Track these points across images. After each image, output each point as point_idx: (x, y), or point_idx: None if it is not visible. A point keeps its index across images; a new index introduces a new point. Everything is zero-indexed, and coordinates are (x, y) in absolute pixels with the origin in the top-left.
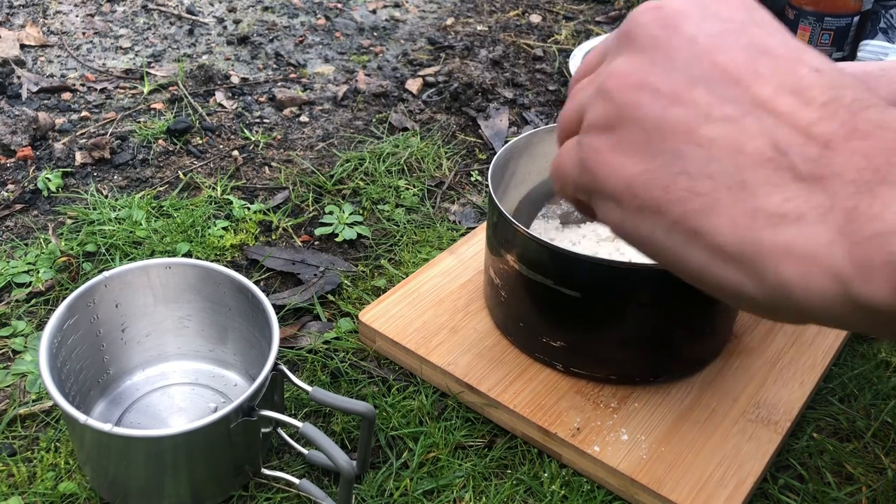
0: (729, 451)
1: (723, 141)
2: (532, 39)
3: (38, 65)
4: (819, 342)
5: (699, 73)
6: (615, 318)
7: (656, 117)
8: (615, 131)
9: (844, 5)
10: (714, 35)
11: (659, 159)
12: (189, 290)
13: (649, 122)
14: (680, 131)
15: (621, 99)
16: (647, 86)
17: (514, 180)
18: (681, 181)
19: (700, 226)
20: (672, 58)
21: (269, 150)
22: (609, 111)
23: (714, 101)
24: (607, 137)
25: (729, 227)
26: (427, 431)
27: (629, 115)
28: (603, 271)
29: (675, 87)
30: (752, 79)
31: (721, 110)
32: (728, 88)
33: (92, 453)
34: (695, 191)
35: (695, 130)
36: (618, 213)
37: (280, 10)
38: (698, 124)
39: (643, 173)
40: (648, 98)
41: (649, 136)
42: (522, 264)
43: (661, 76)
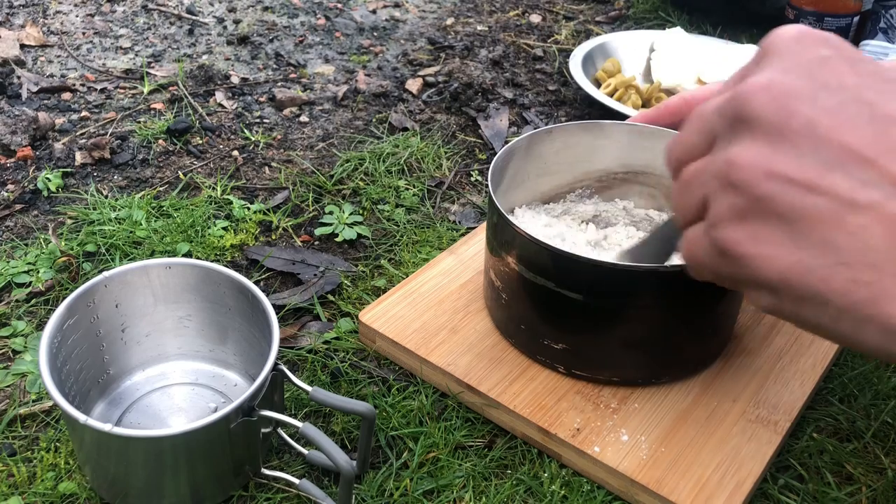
0: (729, 451)
1: (875, 228)
2: (532, 39)
3: (38, 65)
4: (819, 342)
5: (830, 158)
6: (617, 321)
7: (797, 208)
8: (753, 223)
9: (844, 5)
10: (832, 111)
11: (810, 251)
12: (189, 290)
13: (790, 213)
14: (826, 221)
15: (753, 189)
16: (779, 175)
17: (514, 181)
18: (841, 272)
19: (872, 314)
20: (796, 144)
21: (269, 150)
22: (741, 203)
23: (854, 185)
24: (745, 229)
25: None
26: (427, 431)
27: (766, 206)
28: (605, 273)
29: (809, 175)
30: (887, 156)
31: (865, 195)
32: (865, 171)
33: (92, 453)
34: (859, 281)
35: (842, 219)
36: (773, 300)
37: (280, 10)
38: (844, 212)
39: (796, 264)
40: (782, 187)
41: (793, 227)
42: (523, 266)
43: (791, 164)
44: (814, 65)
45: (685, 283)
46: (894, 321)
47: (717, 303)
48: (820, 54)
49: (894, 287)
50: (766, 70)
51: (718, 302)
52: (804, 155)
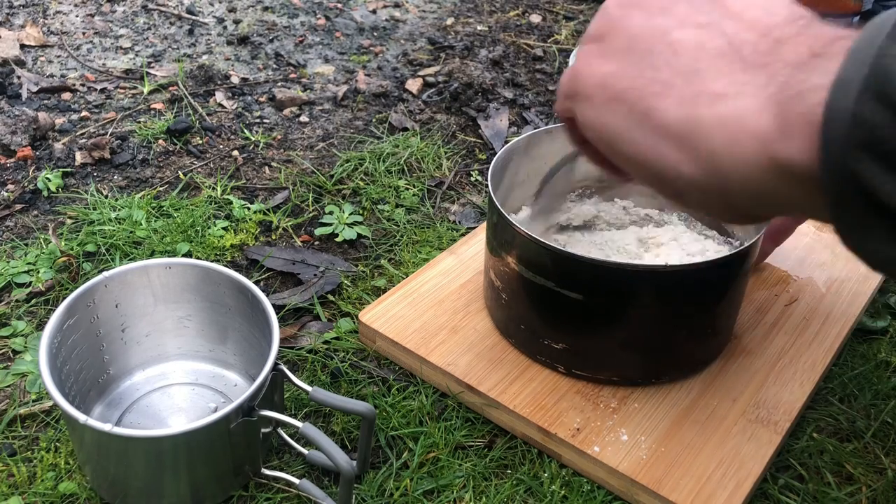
0: (729, 451)
1: (689, 41)
2: (532, 39)
3: (38, 65)
4: (819, 342)
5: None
6: (617, 320)
7: (639, 25)
8: (604, 41)
9: (844, 5)
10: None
11: (631, 58)
12: (189, 290)
13: (633, 30)
14: (656, 35)
15: (614, 13)
16: (638, 2)
17: (514, 181)
18: (646, 73)
19: (652, 106)
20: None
21: (269, 150)
22: (603, 23)
23: (691, 12)
24: (597, 46)
25: (675, 105)
26: (427, 431)
27: (618, 26)
28: (605, 273)
29: (661, 3)
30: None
31: (695, 18)
32: (706, 4)
33: (92, 453)
34: (655, 79)
35: (668, 34)
36: (590, 110)
37: (280, 10)
38: (672, 29)
39: (616, 69)
40: (637, 12)
41: (629, 42)
42: (523, 266)
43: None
44: None
45: (685, 282)
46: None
47: (717, 303)
48: None
49: (679, 83)
50: None
51: (718, 302)
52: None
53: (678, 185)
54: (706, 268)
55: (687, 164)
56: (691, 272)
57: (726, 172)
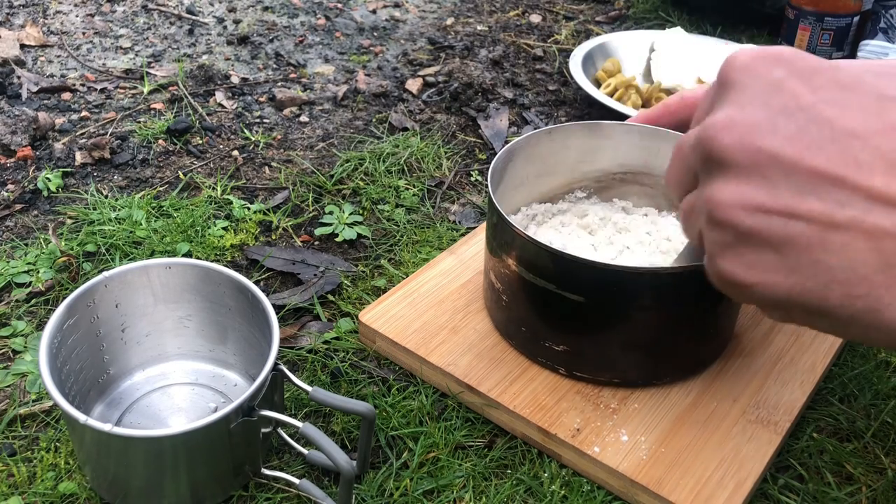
0: (729, 451)
1: (857, 244)
2: (532, 39)
3: (38, 65)
4: (819, 343)
5: (801, 183)
6: (619, 322)
7: (780, 236)
8: (744, 255)
9: (844, 5)
10: (794, 137)
11: (803, 273)
12: (189, 290)
13: (775, 241)
14: (811, 244)
15: (735, 225)
16: (757, 207)
17: (513, 182)
18: (835, 289)
19: (873, 322)
20: (766, 175)
21: (269, 150)
22: (728, 238)
23: (830, 206)
24: (738, 260)
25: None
26: (427, 431)
27: (751, 239)
28: (606, 275)
29: (785, 203)
30: (855, 173)
31: (842, 214)
32: (837, 190)
33: (92, 453)
34: (854, 295)
35: (826, 240)
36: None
37: (280, 10)
38: (826, 233)
39: (794, 286)
40: (763, 219)
41: (782, 254)
42: (523, 268)
43: (765, 195)
44: (769, 91)
45: (686, 284)
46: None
47: (718, 303)
48: (773, 77)
49: (888, 296)
50: (725, 107)
51: (719, 303)
52: (776, 185)
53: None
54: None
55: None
56: (694, 274)
57: None
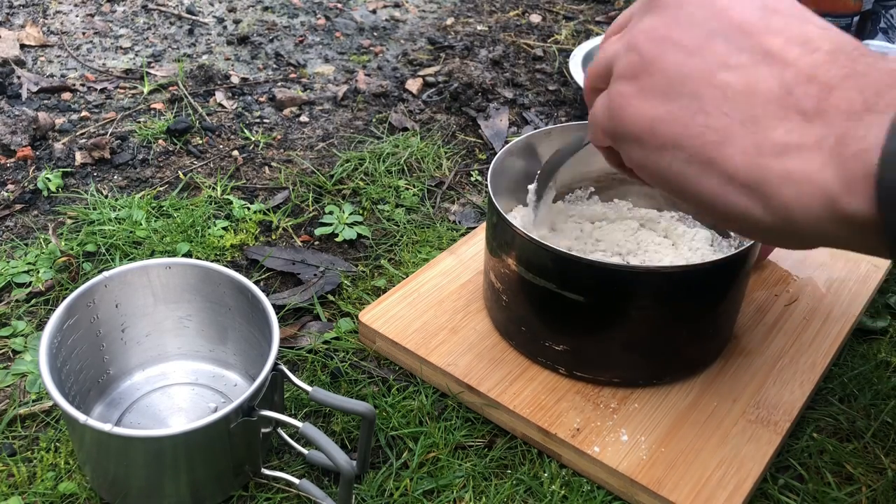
0: (729, 451)
1: (737, 84)
2: (532, 39)
3: (38, 65)
4: (819, 342)
5: (717, 28)
6: (619, 322)
7: (678, 65)
8: (640, 79)
9: (844, 5)
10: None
11: (679, 101)
12: (189, 290)
13: (672, 70)
14: (699, 77)
15: (647, 50)
16: (671, 39)
17: (513, 182)
18: (699, 118)
19: (715, 156)
20: (692, 15)
21: (269, 150)
22: (635, 61)
23: (730, 51)
24: (633, 85)
25: (740, 156)
26: (427, 431)
27: (653, 65)
28: (607, 274)
29: (696, 40)
30: (764, 32)
31: (737, 58)
32: (743, 40)
33: (92, 453)
34: (711, 126)
35: (713, 75)
36: (640, 152)
37: (280, 10)
38: (716, 70)
39: (665, 114)
40: (672, 50)
41: (671, 82)
42: (523, 267)
43: (684, 31)
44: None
45: (687, 283)
46: (729, 164)
47: (719, 303)
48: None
49: (739, 132)
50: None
51: (720, 302)
52: (696, 25)
53: (745, 224)
54: (708, 269)
55: (757, 210)
56: (693, 273)
57: (796, 220)
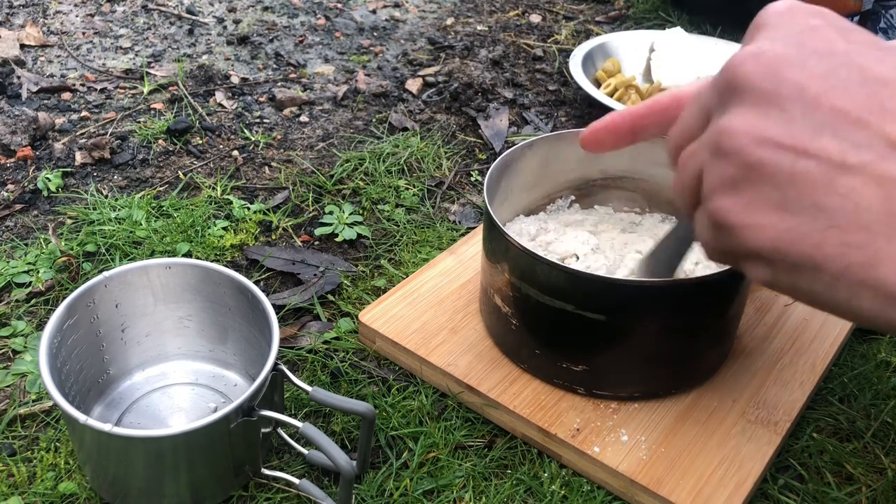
0: (729, 451)
1: (867, 189)
2: (532, 39)
3: (38, 65)
4: (819, 343)
5: (820, 121)
6: (640, 337)
7: (787, 172)
8: (744, 191)
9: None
10: (822, 76)
11: (801, 216)
12: (189, 290)
13: (780, 178)
14: (817, 184)
15: (743, 157)
16: (769, 141)
17: (500, 197)
18: (832, 236)
19: (866, 278)
20: (786, 108)
21: (269, 150)
22: (732, 172)
23: (845, 147)
24: (737, 199)
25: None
26: (427, 431)
27: (756, 173)
28: (627, 291)
29: (799, 139)
30: (879, 117)
31: (856, 157)
32: (856, 132)
33: (92, 453)
34: (851, 244)
35: (833, 182)
36: (768, 271)
37: (280, 10)
38: (835, 175)
39: (788, 231)
40: (772, 153)
41: (784, 193)
42: (539, 291)
43: (781, 129)
44: (804, 33)
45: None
46: (890, 284)
47: (729, 307)
48: (810, 24)
49: (888, 248)
50: (757, 41)
51: (732, 306)
52: (794, 120)
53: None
54: (726, 277)
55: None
56: (714, 283)
57: None
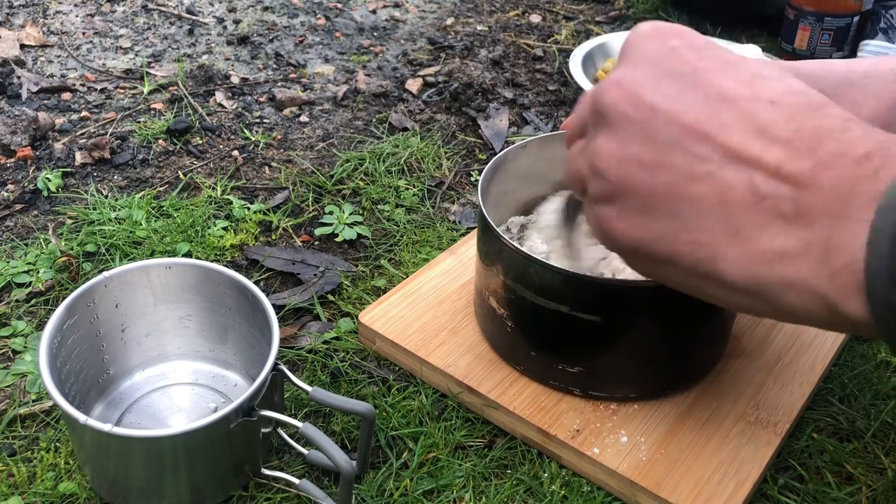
0: (728, 452)
1: (709, 196)
2: (532, 39)
3: (38, 65)
4: (818, 343)
5: (672, 138)
6: (636, 338)
7: (647, 185)
8: (616, 202)
9: (844, 5)
10: (673, 97)
11: (660, 221)
12: (189, 290)
13: (643, 191)
14: (670, 194)
15: (612, 175)
16: (631, 159)
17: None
18: (682, 237)
19: (709, 271)
20: (644, 129)
21: (269, 150)
22: (605, 187)
23: (692, 160)
24: (611, 208)
25: (734, 268)
26: (427, 432)
27: (623, 187)
28: (623, 293)
29: (655, 155)
30: (718, 131)
31: (701, 168)
32: (700, 146)
33: (92, 453)
34: (697, 242)
35: (683, 191)
36: (641, 266)
37: (280, 10)
38: (684, 184)
39: (650, 234)
40: (636, 170)
41: (645, 203)
42: (534, 292)
43: (640, 147)
44: (661, 56)
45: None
46: (727, 276)
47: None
48: (669, 45)
49: (725, 245)
50: (620, 67)
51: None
52: (650, 138)
53: (757, 315)
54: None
55: (766, 309)
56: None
57: (804, 318)
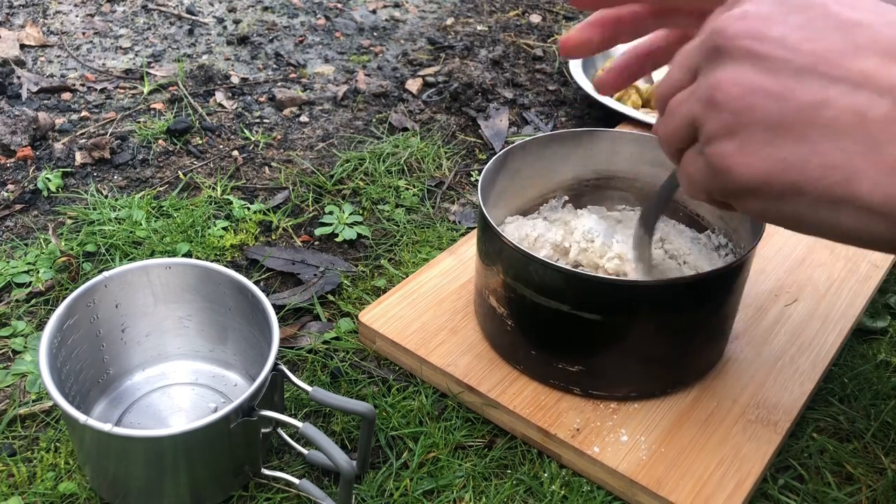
0: (729, 451)
1: (844, 116)
2: (532, 39)
3: (38, 65)
4: (819, 343)
5: (800, 66)
6: (636, 337)
7: (775, 114)
8: (738, 135)
9: None
10: (801, 26)
11: (787, 149)
12: (189, 290)
13: (770, 120)
14: (801, 120)
15: (735, 106)
16: (757, 89)
17: (494, 198)
18: (814, 160)
19: (846, 195)
20: (771, 59)
21: (269, 150)
22: (726, 120)
23: (824, 84)
24: (732, 142)
25: (873, 187)
26: (427, 431)
27: (749, 119)
28: (623, 291)
29: (784, 83)
30: (853, 54)
31: (834, 91)
32: (833, 70)
33: (92, 453)
34: (830, 166)
35: (816, 114)
36: (759, 204)
37: (280, 10)
38: (815, 109)
39: (777, 164)
40: (762, 99)
41: (774, 132)
42: (534, 291)
43: (767, 77)
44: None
45: (705, 289)
46: (866, 197)
47: (728, 303)
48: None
49: (863, 165)
50: (741, 4)
51: (728, 302)
52: (778, 68)
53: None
54: (724, 273)
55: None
56: (712, 279)
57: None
